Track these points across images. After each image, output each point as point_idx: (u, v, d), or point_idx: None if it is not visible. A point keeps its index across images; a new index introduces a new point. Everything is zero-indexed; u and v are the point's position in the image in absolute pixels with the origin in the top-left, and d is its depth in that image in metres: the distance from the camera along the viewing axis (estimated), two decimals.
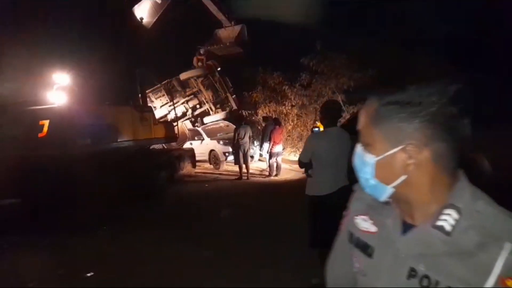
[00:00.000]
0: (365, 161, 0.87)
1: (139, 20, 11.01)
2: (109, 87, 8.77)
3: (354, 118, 9.07)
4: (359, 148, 0.90)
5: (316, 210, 3.47)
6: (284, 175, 10.98)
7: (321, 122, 3.63)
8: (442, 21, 11.38)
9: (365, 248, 0.94)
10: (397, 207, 0.89)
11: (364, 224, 0.96)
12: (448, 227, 0.78)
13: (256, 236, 5.32)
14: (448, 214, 0.79)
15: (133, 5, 10.92)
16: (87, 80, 8.89)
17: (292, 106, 15.88)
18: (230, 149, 11.78)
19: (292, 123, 15.73)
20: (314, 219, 3.50)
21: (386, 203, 0.91)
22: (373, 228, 0.94)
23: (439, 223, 0.79)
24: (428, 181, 0.81)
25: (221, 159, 13.13)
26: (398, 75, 12.77)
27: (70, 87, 8.64)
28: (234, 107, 17.37)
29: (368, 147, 0.87)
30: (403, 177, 0.82)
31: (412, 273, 0.81)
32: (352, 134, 6.62)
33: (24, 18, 8.68)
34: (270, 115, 14.93)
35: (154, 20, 11.97)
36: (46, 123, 6.96)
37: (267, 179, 10.87)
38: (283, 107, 16.09)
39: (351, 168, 0.98)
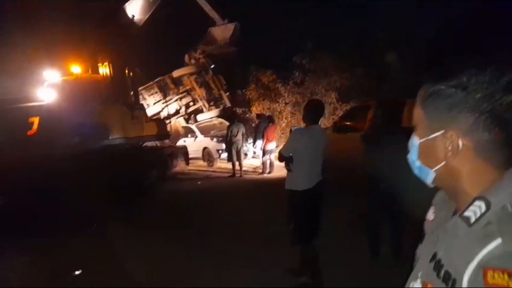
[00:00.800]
0: (413, 143, 0.90)
1: (131, 17, 10.93)
2: (100, 84, 8.70)
3: (346, 115, 9.07)
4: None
5: (299, 204, 3.56)
6: (277, 173, 10.98)
7: (304, 120, 3.74)
8: (431, 20, 11.44)
9: (422, 235, 0.98)
10: (447, 195, 0.91)
11: (429, 214, 0.99)
12: (472, 219, 0.77)
13: (247, 234, 5.31)
14: (477, 206, 0.77)
15: (124, 2, 10.82)
16: (77, 77, 8.84)
17: (286, 103, 15.90)
18: (224, 147, 11.76)
19: (285, 121, 15.74)
20: (298, 214, 3.58)
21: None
22: (431, 217, 0.97)
23: (466, 213, 0.78)
24: (467, 171, 0.81)
25: (214, 157, 13.12)
26: (387, 75, 12.87)
27: (61, 84, 8.58)
28: (228, 104, 17.35)
29: (415, 129, 0.89)
30: (442, 163, 0.83)
31: (434, 257, 0.84)
32: (346, 131, 6.63)
33: (13, 15, 8.59)
34: (264, 112, 14.91)
35: (146, 17, 11.88)
36: (36, 120, 6.91)
37: (260, 176, 10.87)
38: (277, 104, 16.10)
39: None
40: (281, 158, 3.73)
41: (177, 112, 17.49)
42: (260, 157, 11.28)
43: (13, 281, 4.12)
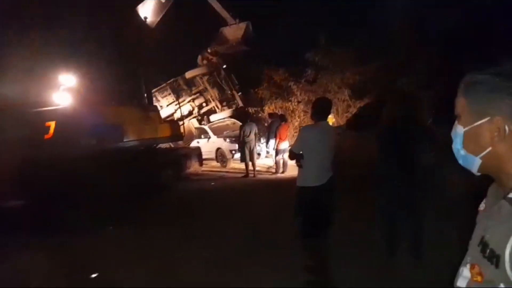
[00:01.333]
0: (456, 132, 0.92)
1: (143, 19, 11.02)
2: (114, 87, 8.80)
3: (360, 113, 8.97)
4: (454, 125, 0.94)
5: (309, 201, 3.56)
6: (291, 172, 10.93)
7: (312, 117, 3.78)
8: (446, 15, 11.20)
9: (474, 224, 0.99)
10: (495, 181, 0.93)
11: (481, 205, 1.01)
12: None
13: (261, 234, 5.29)
14: None
15: (137, 5, 10.93)
16: (93, 80, 8.94)
17: (298, 102, 15.84)
18: (237, 147, 11.77)
19: (298, 119, 15.68)
20: (303, 209, 3.61)
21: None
22: (482, 207, 0.99)
23: (510, 195, 0.83)
24: None
25: (227, 157, 13.14)
26: (403, 68, 12.66)
27: (76, 88, 8.70)
28: (240, 104, 17.36)
29: (459, 118, 0.92)
30: (489, 149, 0.86)
31: (481, 240, 0.86)
32: (360, 129, 6.55)
33: (29, 19, 8.74)
34: (277, 111, 14.88)
35: (158, 19, 11.98)
36: (52, 124, 7.01)
37: (273, 176, 10.84)
38: (289, 103, 16.06)
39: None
40: (291, 155, 3.81)
41: (190, 113, 17.59)
42: (273, 156, 11.25)
43: (29, 281, 4.19)
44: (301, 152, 3.63)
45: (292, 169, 11.17)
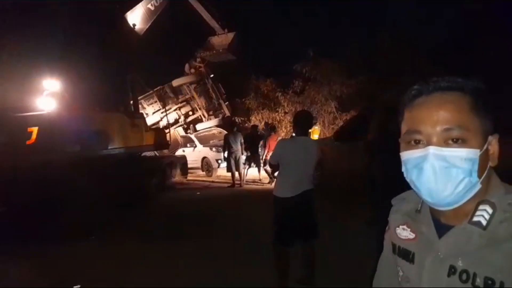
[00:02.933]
0: (468, 157, 0.78)
1: (132, 26, 10.94)
2: (100, 93, 8.66)
3: (347, 125, 9.02)
4: (437, 150, 0.79)
5: (280, 210, 3.68)
6: None
7: (293, 130, 3.89)
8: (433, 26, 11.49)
9: (406, 255, 0.94)
10: (433, 209, 0.87)
11: (404, 233, 0.96)
12: (484, 222, 0.79)
13: (246, 244, 5.22)
14: (484, 210, 0.80)
15: (126, 11, 10.85)
16: (77, 86, 8.79)
17: (285, 113, 15.91)
18: (223, 156, 11.68)
19: (285, 130, 15.73)
20: (279, 218, 3.71)
21: (419, 210, 0.93)
22: (412, 235, 0.94)
23: (476, 219, 0.80)
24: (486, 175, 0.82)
25: (213, 166, 13.04)
26: (390, 80, 12.88)
27: (60, 93, 8.53)
28: (227, 113, 17.34)
29: (464, 140, 0.78)
30: (487, 170, 0.81)
31: (451, 270, 0.81)
32: (348, 140, 6.57)
33: (13, 23, 8.56)
34: (264, 121, 14.92)
35: (147, 27, 11.91)
36: (34, 130, 6.83)
37: (260, 186, 10.78)
38: (277, 114, 16.11)
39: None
40: (270, 165, 3.98)
41: (176, 121, 17.46)
42: (261, 166, 11.17)
43: None
44: (278, 163, 3.77)
45: None
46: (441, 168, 0.79)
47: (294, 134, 4.06)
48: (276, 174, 3.93)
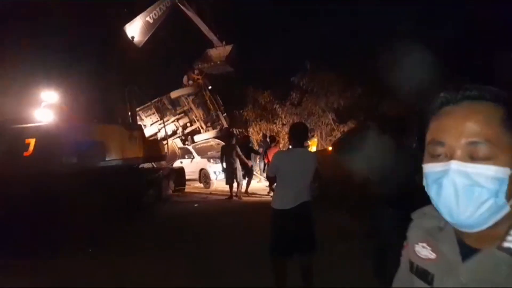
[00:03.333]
0: (495, 175, 0.69)
1: (130, 38, 11.01)
2: (98, 105, 8.67)
3: (345, 137, 9.04)
4: (460, 165, 0.72)
5: (278, 222, 3.69)
6: None
7: (290, 143, 3.96)
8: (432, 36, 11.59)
9: (425, 276, 0.86)
10: (459, 230, 0.79)
11: (424, 251, 0.88)
12: None
13: (243, 257, 5.17)
14: None
15: (124, 24, 10.93)
16: (75, 98, 8.80)
17: (283, 124, 15.96)
18: (221, 168, 11.62)
19: (283, 142, 15.75)
20: (277, 230, 3.71)
21: (442, 227, 0.85)
22: (432, 255, 0.86)
23: (506, 244, 0.72)
24: None
25: (211, 178, 12.98)
26: (387, 93, 12.95)
27: (58, 105, 8.53)
28: (225, 125, 17.36)
29: (487, 157, 0.70)
30: None
31: None
32: (345, 152, 6.53)
33: (12, 34, 8.61)
34: (264, 133, 14.97)
35: (145, 39, 11.99)
36: (32, 141, 6.82)
37: (257, 198, 10.72)
38: (274, 125, 16.16)
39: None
40: (267, 178, 4.01)
41: (174, 133, 17.44)
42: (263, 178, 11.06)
43: None
44: (275, 176, 3.81)
45: None
46: (463, 186, 0.71)
47: (290, 146, 4.07)
48: (273, 186, 3.92)
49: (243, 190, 10.93)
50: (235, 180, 10.39)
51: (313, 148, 11.51)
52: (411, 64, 11.98)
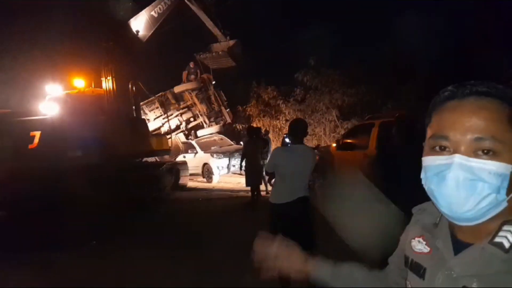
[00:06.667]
0: (497, 171, 0.71)
1: (135, 33, 10.99)
2: (102, 98, 8.69)
3: (348, 133, 9.00)
4: (464, 160, 0.72)
5: (275, 217, 3.74)
6: None
7: (289, 139, 3.97)
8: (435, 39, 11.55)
9: (418, 270, 0.88)
10: (452, 224, 0.82)
11: (419, 246, 0.90)
12: (506, 244, 0.72)
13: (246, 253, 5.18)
14: (508, 231, 0.73)
15: (129, 18, 10.91)
16: (80, 91, 8.83)
17: (286, 120, 15.94)
18: (226, 163, 11.59)
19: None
20: (274, 225, 3.75)
21: (437, 223, 0.88)
22: (426, 249, 0.88)
23: (498, 239, 0.73)
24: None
25: (214, 173, 13.02)
26: (391, 92, 12.92)
27: (63, 98, 8.56)
28: (228, 120, 17.34)
29: (492, 153, 0.71)
30: None
31: None
32: (349, 149, 6.52)
33: (17, 28, 8.64)
34: (266, 129, 14.93)
35: (150, 33, 11.96)
36: (37, 134, 6.86)
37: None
38: (277, 121, 16.14)
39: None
40: (266, 173, 3.92)
41: (177, 127, 17.44)
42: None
43: None
44: (273, 172, 3.86)
45: None
46: (465, 180, 0.72)
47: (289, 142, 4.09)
48: (272, 182, 3.98)
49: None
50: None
51: None
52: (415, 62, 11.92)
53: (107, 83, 8.82)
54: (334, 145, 8.93)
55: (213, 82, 17.28)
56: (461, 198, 0.72)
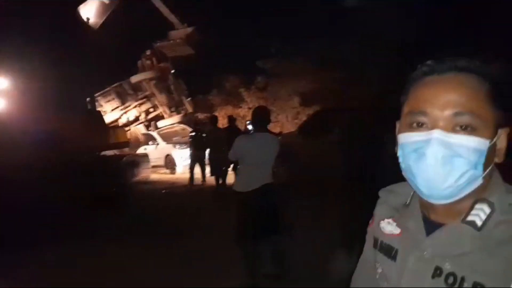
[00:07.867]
0: (475, 147, 0.70)
1: (85, 20, 10.43)
2: (52, 91, 8.20)
3: (310, 120, 9.08)
4: (443, 135, 0.71)
5: (240, 205, 3.76)
6: None
7: (252, 127, 4.07)
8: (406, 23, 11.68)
9: (389, 251, 0.86)
10: (424, 205, 0.80)
11: (389, 227, 0.88)
12: (479, 222, 0.72)
13: (214, 241, 5.12)
14: (480, 209, 0.73)
15: (78, 5, 10.32)
16: (28, 84, 8.27)
17: (249, 108, 15.89)
18: (188, 154, 11.33)
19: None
20: (240, 213, 3.78)
21: (407, 203, 0.86)
22: (397, 231, 0.86)
23: (470, 218, 0.73)
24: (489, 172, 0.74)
25: (177, 164, 12.78)
26: (359, 77, 13.11)
27: (9, 91, 8.01)
28: (189, 110, 17.05)
29: (470, 129, 0.70)
30: (491, 166, 0.73)
31: (437, 272, 0.73)
32: (313, 136, 6.56)
33: None
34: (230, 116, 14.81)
35: (102, 21, 11.41)
36: None
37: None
38: (240, 109, 16.07)
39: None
40: (229, 161, 3.96)
41: (136, 119, 16.96)
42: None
43: None
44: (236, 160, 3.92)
45: None
46: (444, 156, 0.70)
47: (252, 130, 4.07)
48: (236, 170, 4.10)
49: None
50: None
51: None
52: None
53: (59, 75, 8.33)
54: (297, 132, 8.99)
55: (172, 71, 16.86)
56: (440, 174, 0.71)
